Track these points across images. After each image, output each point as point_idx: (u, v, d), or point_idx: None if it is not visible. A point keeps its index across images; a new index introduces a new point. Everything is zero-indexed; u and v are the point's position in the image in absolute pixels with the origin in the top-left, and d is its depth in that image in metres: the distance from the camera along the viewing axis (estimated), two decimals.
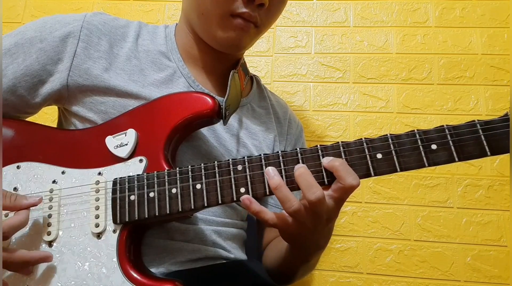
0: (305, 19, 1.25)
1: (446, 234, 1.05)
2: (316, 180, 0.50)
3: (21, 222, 0.52)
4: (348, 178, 0.49)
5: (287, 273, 0.72)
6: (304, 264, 0.67)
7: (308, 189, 0.49)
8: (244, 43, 0.68)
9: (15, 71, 0.64)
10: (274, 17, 0.70)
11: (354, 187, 0.49)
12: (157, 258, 0.61)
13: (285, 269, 0.71)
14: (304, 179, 0.50)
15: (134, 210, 0.55)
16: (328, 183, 0.51)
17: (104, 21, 0.69)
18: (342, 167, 0.49)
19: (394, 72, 1.18)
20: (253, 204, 0.51)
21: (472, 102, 1.13)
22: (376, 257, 1.05)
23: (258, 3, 0.63)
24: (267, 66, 1.23)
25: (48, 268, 0.55)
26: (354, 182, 0.49)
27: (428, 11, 1.21)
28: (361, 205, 1.09)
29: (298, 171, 0.51)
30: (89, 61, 0.65)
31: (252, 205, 0.51)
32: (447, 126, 0.50)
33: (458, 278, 1.02)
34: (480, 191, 1.07)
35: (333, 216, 0.53)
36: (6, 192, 0.55)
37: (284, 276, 0.72)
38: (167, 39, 0.73)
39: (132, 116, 0.63)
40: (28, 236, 0.56)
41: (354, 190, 0.50)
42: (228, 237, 0.70)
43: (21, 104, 0.66)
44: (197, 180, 0.54)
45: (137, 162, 0.59)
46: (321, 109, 1.17)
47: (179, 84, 0.69)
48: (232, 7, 0.63)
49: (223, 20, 0.64)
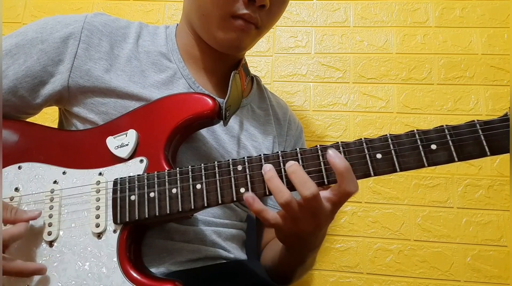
0: (305, 19, 1.25)
1: (446, 234, 1.05)
2: (316, 180, 0.50)
3: (20, 232, 0.52)
4: (350, 183, 0.49)
5: (285, 273, 0.72)
6: (300, 264, 0.68)
7: (302, 184, 0.49)
8: (245, 44, 0.68)
9: (16, 72, 0.64)
10: (275, 18, 0.70)
11: (353, 193, 0.50)
12: (157, 258, 0.61)
13: (282, 270, 0.72)
14: (297, 175, 0.50)
15: (135, 210, 0.55)
16: (328, 182, 0.51)
17: (104, 22, 0.69)
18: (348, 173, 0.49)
19: (394, 72, 1.18)
20: (255, 202, 0.51)
21: (472, 102, 1.13)
22: (376, 257, 1.05)
23: (259, 4, 0.62)
24: (267, 66, 1.23)
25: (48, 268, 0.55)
26: (354, 189, 0.50)
27: (428, 11, 1.21)
28: (361, 205, 1.09)
29: (290, 168, 0.51)
30: (90, 62, 0.65)
31: (254, 203, 0.51)
32: (446, 127, 0.50)
33: (458, 278, 1.02)
34: (480, 191, 1.07)
35: (328, 219, 0.54)
36: (7, 204, 0.55)
37: (282, 277, 0.73)
38: (168, 40, 0.73)
39: (132, 117, 0.63)
40: (29, 236, 0.56)
41: (351, 196, 0.50)
42: (228, 237, 0.70)
43: (22, 105, 0.66)
44: (197, 180, 0.54)
45: (137, 162, 0.59)
46: (321, 109, 1.17)
47: (179, 85, 0.69)
48: (233, 8, 0.63)
49: (224, 22, 0.64)
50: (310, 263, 0.72)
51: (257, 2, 0.62)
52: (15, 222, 0.54)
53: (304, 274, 0.77)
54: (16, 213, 0.54)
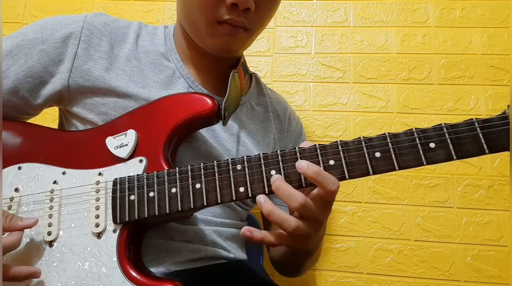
0: (305, 19, 1.25)
1: (446, 234, 1.05)
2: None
3: (13, 243, 0.52)
4: (328, 184, 0.49)
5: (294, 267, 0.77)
6: (308, 258, 0.71)
7: (288, 198, 0.50)
8: (235, 47, 0.67)
9: (17, 73, 0.64)
10: (265, 19, 0.68)
11: (334, 192, 0.50)
12: (157, 258, 0.61)
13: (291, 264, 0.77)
14: (283, 190, 0.50)
15: (134, 210, 0.55)
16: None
17: (104, 22, 0.69)
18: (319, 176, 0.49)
19: (394, 72, 1.18)
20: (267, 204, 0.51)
21: (472, 102, 1.13)
22: (376, 257, 1.05)
23: (243, 8, 0.61)
24: (267, 66, 1.23)
25: (48, 268, 0.55)
26: (333, 188, 0.49)
27: (428, 11, 1.21)
28: (361, 205, 1.09)
29: (274, 185, 0.51)
30: (90, 62, 0.65)
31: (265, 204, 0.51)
32: (445, 125, 0.50)
33: (458, 278, 1.02)
34: (480, 191, 1.07)
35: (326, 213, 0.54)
36: (4, 212, 0.55)
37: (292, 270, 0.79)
38: (166, 40, 0.73)
39: (132, 117, 0.63)
40: (29, 236, 0.57)
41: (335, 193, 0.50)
42: (228, 237, 0.70)
43: (23, 105, 0.66)
44: (196, 179, 0.54)
45: (137, 162, 0.59)
46: (321, 109, 1.18)
47: (178, 85, 0.70)
48: (218, 14, 0.62)
49: (210, 28, 0.64)
50: (317, 254, 0.76)
51: (240, 6, 0.60)
52: (9, 229, 0.53)
53: (313, 265, 0.82)
54: (12, 220, 0.54)
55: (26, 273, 0.53)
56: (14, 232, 0.53)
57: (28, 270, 0.53)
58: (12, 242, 0.52)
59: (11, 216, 0.54)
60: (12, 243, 0.52)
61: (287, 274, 0.83)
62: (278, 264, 0.81)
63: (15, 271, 0.52)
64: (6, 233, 0.53)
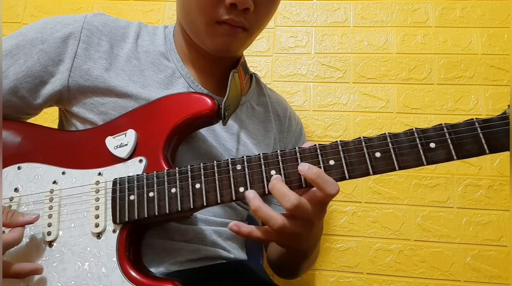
0: (305, 19, 1.25)
1: (446, 234, 1.05)
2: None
3: (14, 240, 0.52)
4: (327, 187, 0.49)
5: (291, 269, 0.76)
6: (304, 259, 0.69)
7: (281, 198, 0.49)
8: (234, 47, 0.67)
9: (17, 73, 0.64)
10: (264, 19, 0.68)
11: (333, 195, 0.49)
12: (156, 258, 0.61)
13: (287, 266, 0.76)
14: (277, 190, 0.50)
15: (134, 210, 0.55)
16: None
17: (104, 22, 0.69)
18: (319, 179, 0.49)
19: (394, 72, 1.18)
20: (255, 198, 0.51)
21: (472, 102, 1.13)
22: (376, 257, 1.05)
23: (242, 8, 0.61)
24: (267, 66, 1.23)
25: (48, 268, 0.55)
26: (333, 191, 0.49)
27: (428, 11, 1.21)
28: (361, 205, 1.09)
29: (270, 184, 0.51)
30: (89, 61, 0.65)
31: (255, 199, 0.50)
32: (445, 125, 0.50)
33: (458, 278, 1.02)
34: (480, 191, 1.07)
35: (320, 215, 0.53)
36: (4, 208, 0.55)
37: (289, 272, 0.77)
38: (166, 40, 0.73)
39: (132, 117, 0.63)
40: (29, 236, 0.57)
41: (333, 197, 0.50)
42: (228, 237, 0.70)
43: (23, 105, 0.66)
44: (196, 179, 0.54)
45: (137, 162, 0.59)
46: (321, 109, 1.17)
47: (178, 85, 0.69)
48: (217, 14, 0.62)
49: (210, 28, 0.64)
50: (314, 256, 0.75)
51: (239, 6, 0.60)
52: (10, 225, 0.53)
53: (310, 266, 0.81)
54: (13, 216, 0.54)
55: (28, 269, 0.53)
56: (16, 228, 0.53)
57: (30, 267, 0.53)
58: (14, 238, 0.52)
59: (12, 212, 0.54)
60: (14, 239, 0.52)
61: (284, 275, 0.83)
62: (275, 265, 0.81)
63: (17, 268, 0.52)
64: (8, 229, 0.53)
